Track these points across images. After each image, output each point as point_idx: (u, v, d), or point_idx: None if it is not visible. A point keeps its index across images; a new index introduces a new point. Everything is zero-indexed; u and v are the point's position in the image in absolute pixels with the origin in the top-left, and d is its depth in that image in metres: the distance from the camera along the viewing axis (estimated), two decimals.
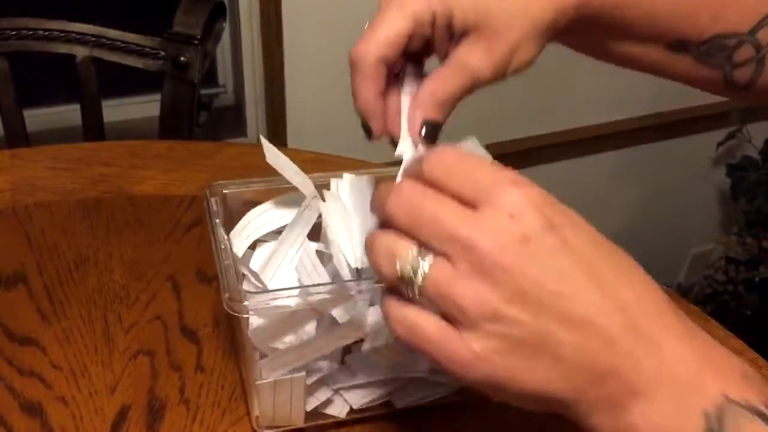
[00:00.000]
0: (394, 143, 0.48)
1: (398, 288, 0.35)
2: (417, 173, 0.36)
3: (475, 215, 0.34)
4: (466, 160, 0.36)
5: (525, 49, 0.47)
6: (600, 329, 0.33)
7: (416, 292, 0.34)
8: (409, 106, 0.48)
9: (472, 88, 0.47)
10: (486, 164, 0.36)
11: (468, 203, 0.34)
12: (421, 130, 0.46)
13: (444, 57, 0.48)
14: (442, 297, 0.34)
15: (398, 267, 0.34)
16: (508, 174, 0.35)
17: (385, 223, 0.36)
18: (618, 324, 0.34)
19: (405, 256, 0.34)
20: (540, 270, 0.33)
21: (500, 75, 0.48)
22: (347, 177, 0.58)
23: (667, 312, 0.35)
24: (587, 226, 0.36)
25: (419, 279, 0.34)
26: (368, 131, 0.48)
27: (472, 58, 0.47)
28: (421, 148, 0.47)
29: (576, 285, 0.34)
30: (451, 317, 0.34)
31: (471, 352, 0.34)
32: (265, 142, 0.54)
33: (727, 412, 0.32)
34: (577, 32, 0.51)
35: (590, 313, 0.33)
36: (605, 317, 0.34)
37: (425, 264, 0.34)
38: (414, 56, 0.49)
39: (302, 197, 0.55)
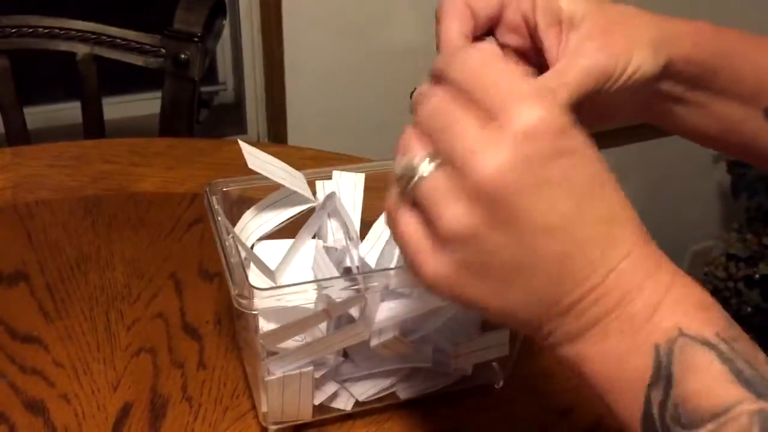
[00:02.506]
0: None
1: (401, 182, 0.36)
2: (443, 74, 0.36)
3: (485, 130, 0.33)
4: (490, 66, 0.35)
5: (647, 57, 0.46)
6: (574, 264, 0.34)
7: (409, 193, 0.35)
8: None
9: (591, 89, 0.45)
10: (508, 72, 0.35)
11: (486, 113, 0.34)
12: None
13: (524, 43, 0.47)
14: (428, 207, 0.35)
15: (403, 163, 0.35)
16: (528, 87, 0.34)
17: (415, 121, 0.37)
18: (592, 260, 0.34)
19: (411, 156, 0.35)
20: (531, 203, 0.33)
21: (618, 80, 0.46)
22: (344, 174, 0.58)
23: (640, 246, 0.36)
24: (593, 157, 0.36)
25: (413, 182, 0.35)
26: None
27: (589, 55, 0.45)
28: None
29: (563, 223, 0.34)
30: (432, 229, 0.35)
31: (435, 270, 0.35)
32: (243, 145, 0.54)
33: (678, 345, 0.33)
34: (683, 81, 0.49)
35: (568, 250, 0.34)
36: (582, 254, 0.34)
37: (426, 169, 0.34)
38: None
39: (295, 192, 0.55)
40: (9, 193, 0.82)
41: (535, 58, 0.47)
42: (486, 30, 0.47)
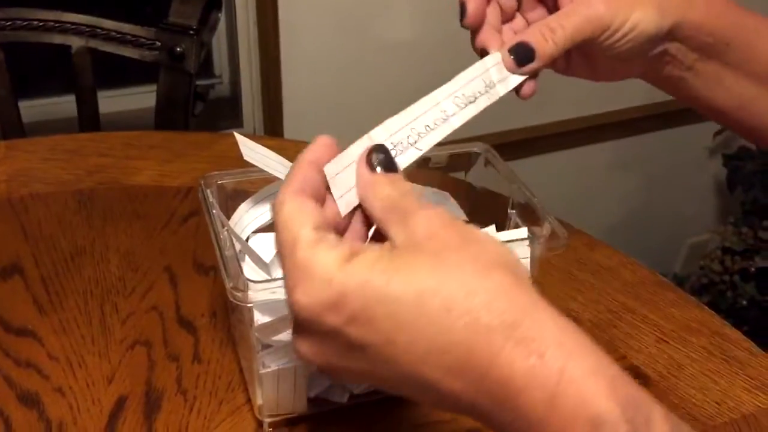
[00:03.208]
0: (482, 52, 0.51)
1: None
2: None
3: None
4: (283, 226, 0.36)
5: (649, 15, 0.49)
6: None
7: None
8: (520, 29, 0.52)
9: (586, 41, 0.49)
10: (291, 242, 0.35)
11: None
12: (514, 50, 0.49)
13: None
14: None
15: None
16: (303, 266, 0.35)
17: None
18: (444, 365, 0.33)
19: None
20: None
21: (616, 32, 0.48)
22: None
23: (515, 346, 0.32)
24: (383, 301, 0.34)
25: None
26: (463, 12, 0.51)
27: (591, 4, 0.48)
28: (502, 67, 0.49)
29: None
30: None
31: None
32: (239, 137, 0.53)
33: None
34: (695, 48, 0.51)
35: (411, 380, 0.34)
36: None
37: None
38: None
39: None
40: (3, 187, 0.82)
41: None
42: None
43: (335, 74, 1.41)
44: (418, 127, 0.45)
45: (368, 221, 0.40)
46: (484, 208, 0.64)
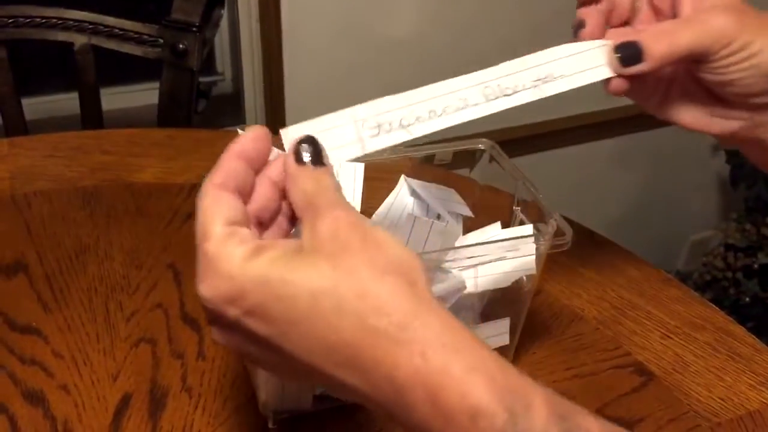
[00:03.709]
0: (579, 27, 0.50)
1: None
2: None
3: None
4: (202, 216, 0.37)
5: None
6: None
7: None
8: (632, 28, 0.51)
9: (701, 53, 0.47)
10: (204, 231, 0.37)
11: None
12: (621, 47, 0.48)
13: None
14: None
15: None
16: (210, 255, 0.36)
17: None
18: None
19: None
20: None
21: (735, 52, 0.47)
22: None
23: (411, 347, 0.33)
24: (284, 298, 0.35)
25: None
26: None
27: (717, 16, 0.47)
28: (607, 50, 0.48)
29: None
30: None
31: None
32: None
33: None
34: None
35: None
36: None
37: None
38: None
39: None
40: (7, 184, 0.81)
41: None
42: None
43: (338, 71, 1.41)
44: (419, 111, 0.44)
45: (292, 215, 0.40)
46: (489, 205, 0.64)
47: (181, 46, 1.04)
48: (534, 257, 0.54)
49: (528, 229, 0.56)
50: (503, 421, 0.32)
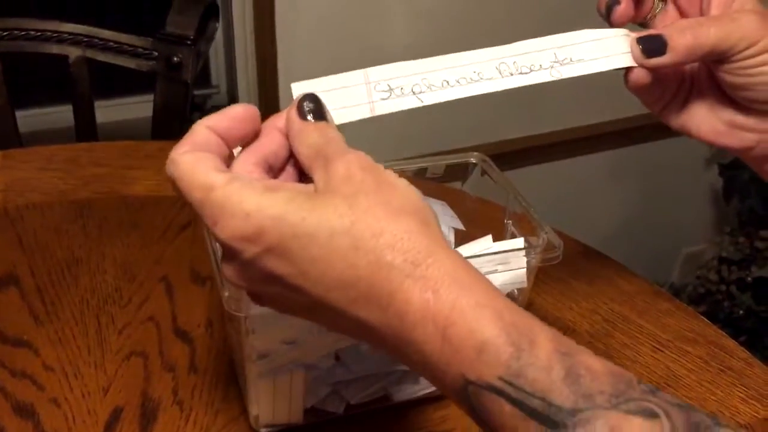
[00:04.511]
0: (606, 11, 0.49)
1: None
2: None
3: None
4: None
5: None
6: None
7: None
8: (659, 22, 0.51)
9: (726, 50, 0.47)
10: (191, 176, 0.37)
11: None
12: (644, 39, 0.48)
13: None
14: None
15: None
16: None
17: None
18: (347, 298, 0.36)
19: None
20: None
21: (761, 52, 0.47)
22: None
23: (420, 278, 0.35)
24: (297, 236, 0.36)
25: None
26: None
27: (746, 15, 0.47)
28: (629, 40, 0.48)
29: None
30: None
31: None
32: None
33: (470, 391, 0.34)
34: None
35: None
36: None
37: None
38: None
39: None
40: (0, 197, 0.81)
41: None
42: None
43: None
44: (433, 80, 0.44)
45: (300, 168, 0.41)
46: (481, 218, 0.64)
47: (175, 59, 1.05)
48: (525, 270, 0.54)
49: (519, 242, 0.56)
50: (508, 354, 0.33)
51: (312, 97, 0.41)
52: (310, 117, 0.40)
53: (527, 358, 0.33)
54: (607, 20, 0.50)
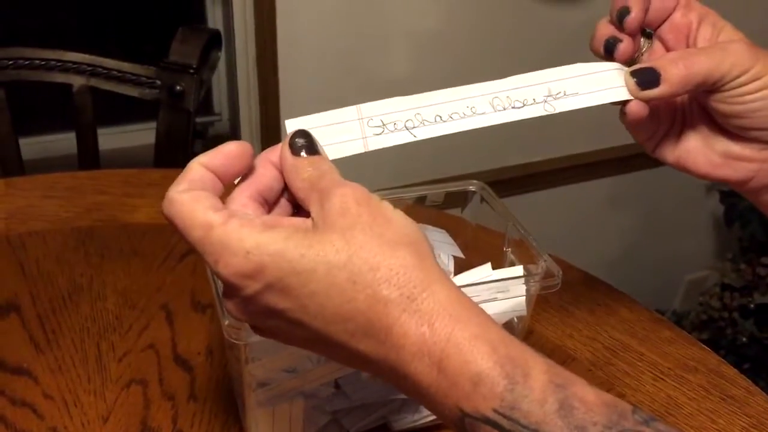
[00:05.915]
0: (606, 50, 0.49)
1: None
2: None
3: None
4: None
5: None
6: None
7: None
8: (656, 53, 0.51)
9: (719, 78, 0.47)
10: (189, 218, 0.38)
11: None
12: (638, 72, 0.48)
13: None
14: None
15: None
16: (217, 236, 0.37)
17: None
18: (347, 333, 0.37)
19: None
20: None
21: (754, 79, 0.47)
22: None
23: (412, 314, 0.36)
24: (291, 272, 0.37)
25: None
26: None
27: (735, 43, 0.48)
28: (623, 74, 0.48)
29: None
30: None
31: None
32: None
33: (467, 423, 0.35)
34: None
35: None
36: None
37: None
38: None
39: None
40: (2, 224, 0.82)
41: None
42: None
43: None
44: (426, 115, 0.44)
45: (294, 200, 0.41)
46: (480, 246, 0.64)
47: (178, 87, 1.06)
48: (524, 298, 0.54)
49: (518, 270, 0.56)
50: (502, 387, 0.34)
51: (303, 133, 0.41)
52: (303, 153, 0.40)
53: (521, 391, 0.34)
54: (608, 59, 0.50)
